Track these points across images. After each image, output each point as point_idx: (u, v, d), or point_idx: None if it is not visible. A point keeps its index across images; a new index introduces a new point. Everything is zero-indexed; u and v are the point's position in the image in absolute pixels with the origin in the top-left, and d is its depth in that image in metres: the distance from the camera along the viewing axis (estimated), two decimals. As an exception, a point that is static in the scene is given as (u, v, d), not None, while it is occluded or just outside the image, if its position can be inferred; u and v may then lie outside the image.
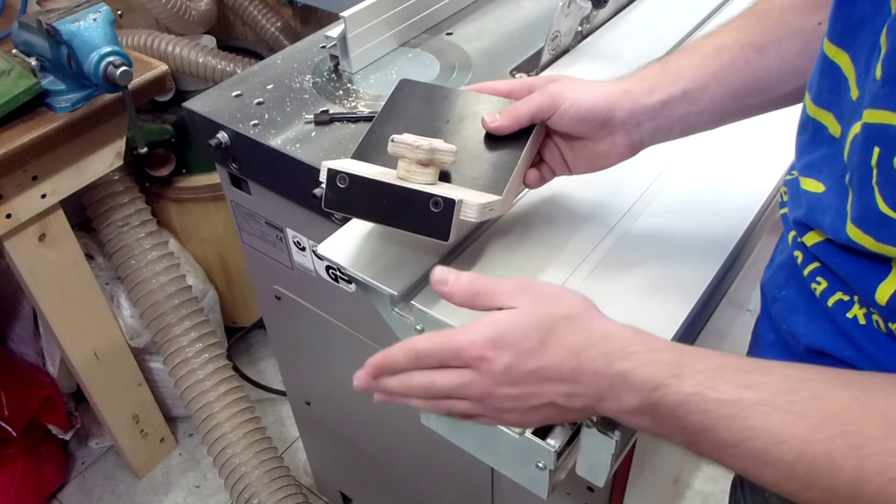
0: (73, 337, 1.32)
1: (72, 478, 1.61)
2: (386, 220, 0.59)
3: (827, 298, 0.47)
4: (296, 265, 0.99)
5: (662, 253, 0.69)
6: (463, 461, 0.90)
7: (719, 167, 0.80)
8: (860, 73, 0.42)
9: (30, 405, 1.43)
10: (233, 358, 1.55)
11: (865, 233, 0.41)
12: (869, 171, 0.39)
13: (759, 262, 0.90)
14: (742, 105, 0.60)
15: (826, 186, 0.47)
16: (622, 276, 0.68)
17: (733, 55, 0.59)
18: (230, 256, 1.64)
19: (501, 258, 0.70)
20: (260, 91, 0.93)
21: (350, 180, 0.59)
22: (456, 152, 0.61)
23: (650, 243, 0.71)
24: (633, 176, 0.77)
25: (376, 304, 0.68)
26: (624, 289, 0.67)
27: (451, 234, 0.56)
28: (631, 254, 0.70)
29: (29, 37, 1.02)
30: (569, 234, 0.73)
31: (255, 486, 1.34)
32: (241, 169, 0.92)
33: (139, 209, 1.33)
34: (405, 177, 0.60)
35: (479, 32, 1.04)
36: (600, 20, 1.03)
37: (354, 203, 0.60)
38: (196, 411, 1.36)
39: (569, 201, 0.77)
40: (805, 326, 0.50)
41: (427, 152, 0.59)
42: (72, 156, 1.13)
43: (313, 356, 1.13)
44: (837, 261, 0.46)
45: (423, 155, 0.59)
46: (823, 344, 0.48)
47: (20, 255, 1.17)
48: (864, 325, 0.45)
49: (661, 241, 0.72)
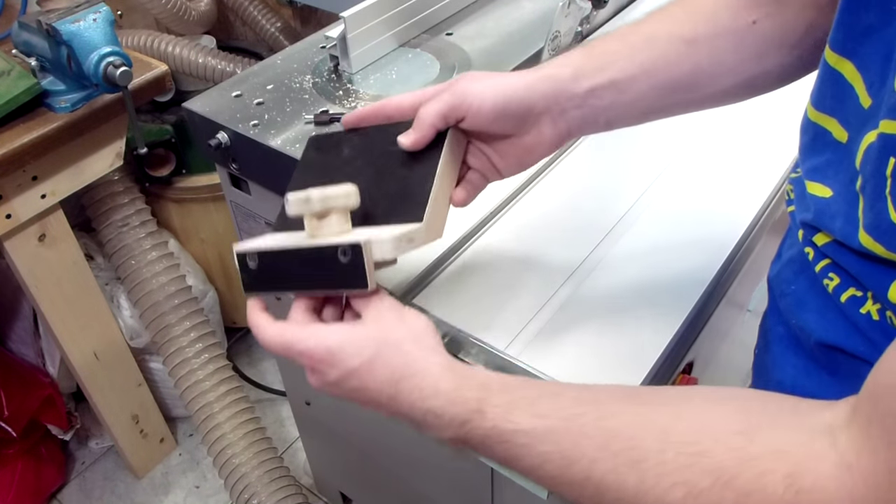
0: (72, 337, 1.32)
1: (72, 478, 1.60)
2: (305, 286, 0.55)
3: (840, 294, 0.48)
4: (296, 265, 0.99)
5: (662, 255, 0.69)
6: (463, 462, 0.90)
7: (718, 168, 0.80)
8: (872, 81, 0.42)
9: (30, 405, 1.43)
10: (233, 358, 1.55)
11: (877, 241, 0.41)
12: (883, 180, 0.39)
13: (759, 263, 0.90)
14: (669, 101, 0.57)
15: (833, 191, 0.47)
16: (622, 279, 0.68)
17: (664, 47, 0.55)
18: (230, 256, 1.64)
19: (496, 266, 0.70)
20: (260, 91, 0.93)
21: (259, 258, 0.56)
22: (357, 191, 0.54)
23: (648, 248, 0.71)
24: (631, 179, 0.77)
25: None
26: (624, 290, 0.67)
27: (368, 282, 0.51)
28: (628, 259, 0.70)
29: (29, 37, 1.02)
30: (563, 243, 0.73)
31: (255, 486, 1.34)
32: (241, 169, 0.92)
33: (139, 209, 1.33)
34: (314, 234, 0.54)
35: (479, 32, 1.04)
36: (600, 20, 1.03)
37: (271, 279, 0.57)
38: (196, 411, 1.36)
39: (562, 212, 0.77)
40: (816, 322, 0.50)
41: (320, 202, 0.53)
42: (72, 156, 1.13)
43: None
44: (849, 260, 0.46)
45: (318, 206, 0.53)
46: (836, 339, 0.48)
47: (20, 256, 1.17)
48: (878, 321, 0.45)
49: (660, 243, 0.72)
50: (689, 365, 0.78)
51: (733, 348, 1.11)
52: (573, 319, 0.65)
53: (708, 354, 0.88)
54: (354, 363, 0.49)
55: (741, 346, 1.19)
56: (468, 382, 0.48)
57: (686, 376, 0.77)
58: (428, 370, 0.48)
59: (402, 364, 0.49)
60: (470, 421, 0.46)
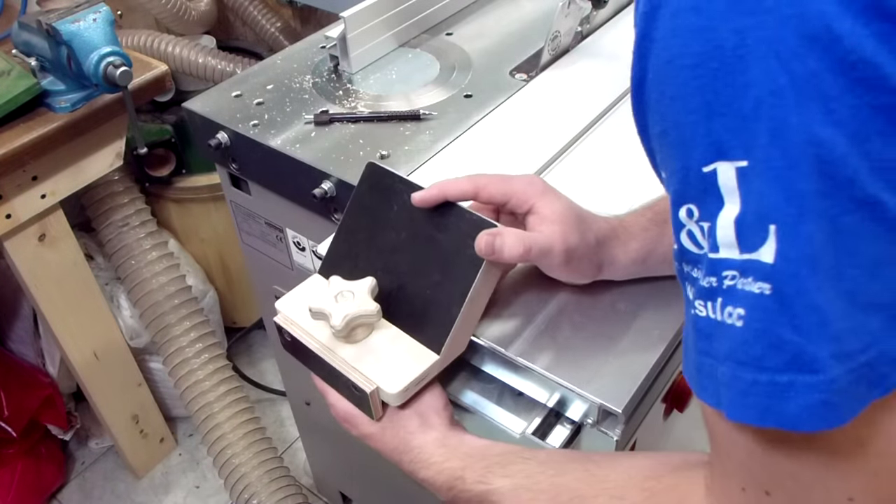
0: (72, 337, 1.32)
1: (72, 478, 1.60)
2: (327, 381, 0.62)
3: None
4: (296, 265, 0.99)
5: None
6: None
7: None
8: None
9: (29, 405, 1.43)
10: (233, 358, 1.55)
11: None
12: None
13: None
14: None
15: None
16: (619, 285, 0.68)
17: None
18: (230, 256, 1.64)
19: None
20: (260, 91, 0.93)
21: (292, 338, 0.62)
22: (378, 312, 0.57)
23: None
24: (631, 179, 0.77)
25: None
26: (624, 289, 0.67)
27: (374, 415, 0.59)
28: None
29: (29, 37, 1.02)
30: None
31: (254, 486, 1.34)
32: (241, 169, 0.92)
33: (139, 209, 1.33)
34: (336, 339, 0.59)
35: (479, 32, 1.04)
36: (600, 20, 1.03)
37: (301, 357, 0.63)
38: (196, 411, 1.36)
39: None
40: None
41: (344, 328, 0.56)
42: (72, 156, 1.13)
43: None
44: None
45: (342, 331, 0.57)
46: None
47: (20, 256, 1.17)
48: None
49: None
50: (689, 365, 0.78)
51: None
52: (573, 321, 0.65)
53: (708, 354, 0.88)
54: (368, 430, 0.60)
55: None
56: (454, 454, 0.56)
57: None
58: (422, 447, 0.57)
59: (402, 440, 0.58)
60: (454, 487, 0.55)
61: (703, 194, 0.33)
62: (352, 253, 0.63)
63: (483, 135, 0.85)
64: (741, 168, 0.31)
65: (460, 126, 0.86)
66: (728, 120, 0.31)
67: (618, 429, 0.61)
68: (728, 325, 0.33)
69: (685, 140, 0.34)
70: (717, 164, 0.32)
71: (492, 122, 0.87)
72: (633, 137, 0.41)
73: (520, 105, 0.89)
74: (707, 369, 0.35)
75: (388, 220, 0.62)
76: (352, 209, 0.64)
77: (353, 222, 0.64)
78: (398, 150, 0.83)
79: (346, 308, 0.56)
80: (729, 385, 0.34)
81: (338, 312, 0.56)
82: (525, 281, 0.68)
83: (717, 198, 0.33)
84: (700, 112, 0.32)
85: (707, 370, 0.35)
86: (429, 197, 0.59)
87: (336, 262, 0.64)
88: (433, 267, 0.59)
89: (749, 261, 0.32)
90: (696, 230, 0.35)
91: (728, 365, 0.34)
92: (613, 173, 0.80)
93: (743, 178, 0.31)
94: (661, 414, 0.75)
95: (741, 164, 0.31)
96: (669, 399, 0.74)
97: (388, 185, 0.62)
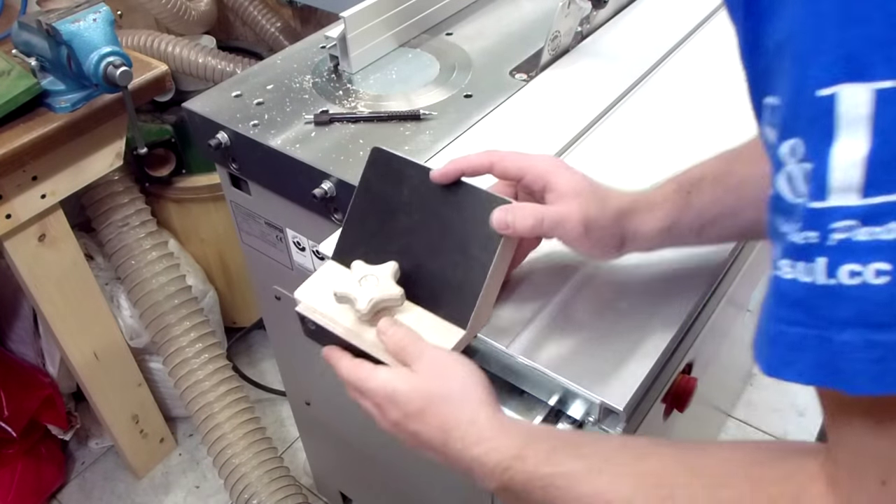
0: (72, 337, 1.32)
1: (72, 478, 1.60)
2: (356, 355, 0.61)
3: None
4: (296, 265, 0.99)
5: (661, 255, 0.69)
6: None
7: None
8: None
9: (29, 405, 1.43)
10: (233, 358, 1.55)
11: None
12: None
13: (759, 263, 0.90)
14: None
15: None
16: (622, 279, 0.68)
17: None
18: (230, 256, 1.64)
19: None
20: (260, 91, 0.93)
21: (316, 326, 0.62)
22: (402, 295, 0.59)
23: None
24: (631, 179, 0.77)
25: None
26: (624, 289, 0.67)
27: None
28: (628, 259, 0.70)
29: (29, 37, 1.02)
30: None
31: (254, 486, 1.34)
32: (241, 169, 0.92)
33: (139, 209, 1.33)
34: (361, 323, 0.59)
35: (479, 32, 1.04)
36: (600, 20, 1.03)
37: (328, 341, 0.63)
38: (196, 411, 1.36)
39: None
40: None
41: (370, 311, 0.57)
42: (72, 156, 1.13)
43: (313, 356, 1.13)
44: None
45: (367, 314, 0.58)
46: None
47: (20, 256, 1.17)
48: None
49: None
50: (689, 365, 0.78)
51: (733, 348, 1.11)
52: (574, 319, 0.65)
53: (708, 354, 0.88)
54: (409, 409, 0.54)
55: (741, 345, 1.20)
56: (510, 431, 0.51)
57: (686, 376, 0.77)
58: (473, 420, 0.51)
59: (449, 415, 0.52)
60: (511, 467, 0.48)
61: (811, 125, 0.28)
62: (364, 238, 0.64)
63: (483, 135, 0.85)
64: (883, 91, 0.26)
65: (460, 126, 0.86)
66: (872, 28, 0.26)
67: (619, 427, 0.61)
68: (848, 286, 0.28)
69: (803, 53, 0.28)
70: (839, 87, 0.27)
71: (492, 122, 0.87)
72: (633, 138, 0.41)
73: (520, 105, 0.89)
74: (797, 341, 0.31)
75: (400, 203, 0.62)
76: (360, 194, 0.65)
77: (363, 207, 0.64)
78: (398, 150, 0.81)
79: (370, 292, 0.57)
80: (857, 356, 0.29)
81: (363, 296, 0.57)
82: (527, 280, 0.68)
83: (828, 131, 0.27)
84: (831, 16, 0.26)
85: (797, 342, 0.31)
86: (447, 171, 0.59)
87: (349, 248, 0.64)
88: (450, 246, 0.60)
89: (885, 204, 0.27)
90: (796, 172, 0.30)
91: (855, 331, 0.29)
92: (613, 173, 0.80)
93: (884, 103, 0.26)
94: (661, 414, 0.76)
95: (884, 86, 0.26)
96: (669, 399, 0.74)
97: (397, 169, 0.63)
